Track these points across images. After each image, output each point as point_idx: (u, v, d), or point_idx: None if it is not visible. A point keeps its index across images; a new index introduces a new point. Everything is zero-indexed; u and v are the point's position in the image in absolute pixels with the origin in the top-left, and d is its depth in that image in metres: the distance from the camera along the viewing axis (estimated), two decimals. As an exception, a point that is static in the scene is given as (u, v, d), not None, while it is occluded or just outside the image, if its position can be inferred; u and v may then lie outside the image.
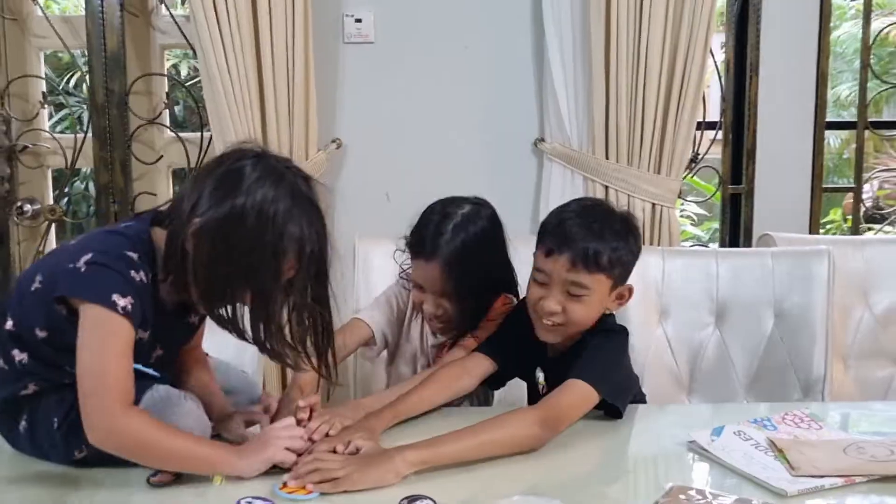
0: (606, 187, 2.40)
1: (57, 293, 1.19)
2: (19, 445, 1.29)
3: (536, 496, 0.83)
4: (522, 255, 1.80)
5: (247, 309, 1.25)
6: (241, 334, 1.26)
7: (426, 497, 1.10)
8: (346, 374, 1.79)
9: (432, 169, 2.50)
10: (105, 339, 1.17)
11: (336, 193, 2.53)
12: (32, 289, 1.24)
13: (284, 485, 1.16)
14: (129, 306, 1.17)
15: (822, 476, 1.19)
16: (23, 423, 1.26)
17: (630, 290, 1.49)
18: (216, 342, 1.54)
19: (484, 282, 1.61)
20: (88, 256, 1.19)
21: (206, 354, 1.51)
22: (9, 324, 1.25)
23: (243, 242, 1.19)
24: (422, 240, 1.58)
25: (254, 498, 1.12)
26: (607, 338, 1.48)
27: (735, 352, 1.92)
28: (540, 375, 1.55)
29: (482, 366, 1.54)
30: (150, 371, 1.30)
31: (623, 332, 1.52)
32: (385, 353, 1.76)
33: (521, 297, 1.66)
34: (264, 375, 2.18)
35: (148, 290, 1.23)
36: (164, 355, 1.34)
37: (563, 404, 1.36)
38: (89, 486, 1.20)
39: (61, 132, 3.23)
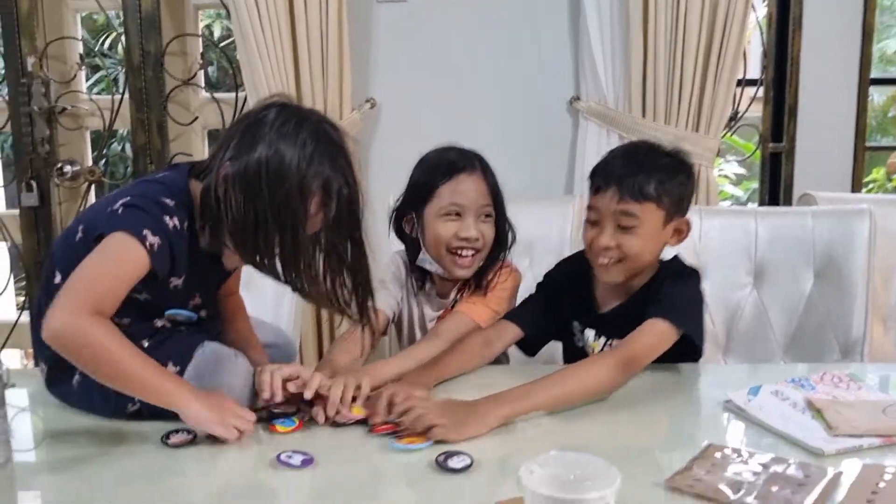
0: (643, 146, 2.37)
1: (94, 235, 1.23)
2: (70, 399, 1.33)
3: (573, 452, 0.83)
4: (557, 215, 1.80)
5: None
6: (278, 277, 1.27)
7: (463, 453, 1.12)
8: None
9: (466, 129, 2.46)
10: (115, 257, 1.19)
11: (370, 154, 2.53)
12: (77, 239, 1.27)
13: (399, 437, 1.18)
14: (157, 246, 1.20)
15: (860, 436, 1.19)
16: (76, 377, 1.30)
17: (688, 225, 1.50)
18: (252, 300, 1.57)
19: (503, 213, 1.62)
20: (126, 199, 1.23)
21: None
22: (58, 278, 1.28)
23: (270, 186, 1.20)
24: (453, 161, 1.60)
25: (294, 452, 1.14)
26: (681, 278, 1.49)
27: (773, 312, 1.91)
28: (590, 334, 1.55)
29: (509, 333, 1.56)
30: (185, 312, 1.34)
31: (696, 274, 1.52)
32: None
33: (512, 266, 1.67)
34: (301, 334, 2.22)
35: (183, 237, 1.26)
36: (203, 304, 1.37)
37: (641, 345, 1.38)
38: (136, 440, 1.22)
39: (98, 94, 3.26)
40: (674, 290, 1.46)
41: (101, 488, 1.08)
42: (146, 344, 1.29)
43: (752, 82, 2.55)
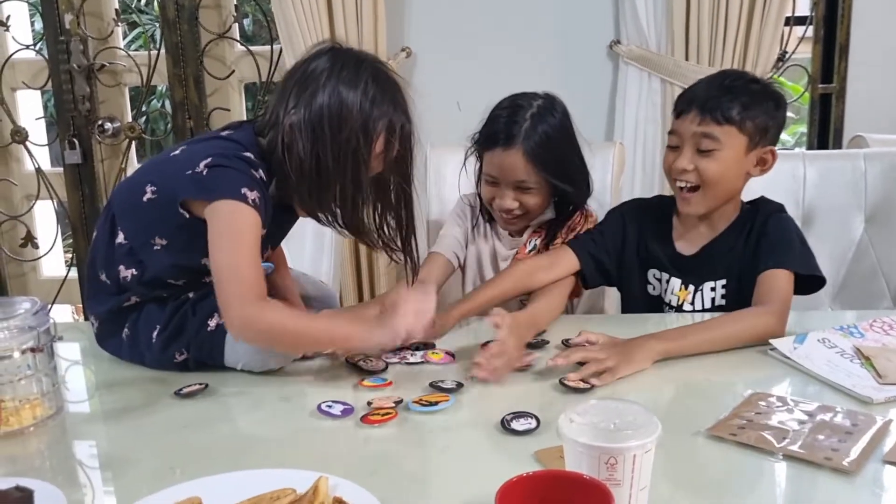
0: (686, 90, 2.30)
1: (181, 196, 1.22)
2: (120, 353, 1.35)
3: (615, 400, 0.82)
4: (597, 162, 1.76)
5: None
6: (337, 223, 1.31)
7: (530, 414, 1.09)
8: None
9: (504, 76, 2.43)
10: (238, 231, 1.20)
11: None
12: (145, 199, 1.26)
13: (420, 400, 1.15)
14: (258, 199, 1.21)
15: (911, 384, 1.16)
16: (125, 331, 1.32)
17: (773, 155, 1.46)
18: (292, 253, 1.58)
19: (561, 174, 1.56)
20: (208, 160, 1.22)
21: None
22: (120, 237, 1.29)
23: (334, 129, 1.22)
24: (496, 130, 1.55)
25: (333, 402, 1.15)
26: (777, 221, 1.47)
27: (821, 259, 1.82)
28: (676, 283, 1.53)
29: (565, 260, 1.53)
30: (266, 264, 1.37)
31: (784, 210, 1.50)
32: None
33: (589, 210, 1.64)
34: (340, 286, 2.24)
35: (267, 189, 1.27)
36: (269, 257, 1.40)
37: (783, 294, 1.38)
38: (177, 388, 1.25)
39: (135, 50, 3.28)
40: (778, 234, 1.44)
41: (151, 436, 1.11)
42: (191, 296, 1.31)
43: (800, 20, 2.45)
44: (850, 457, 0.96)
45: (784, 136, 4.83)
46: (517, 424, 1.06)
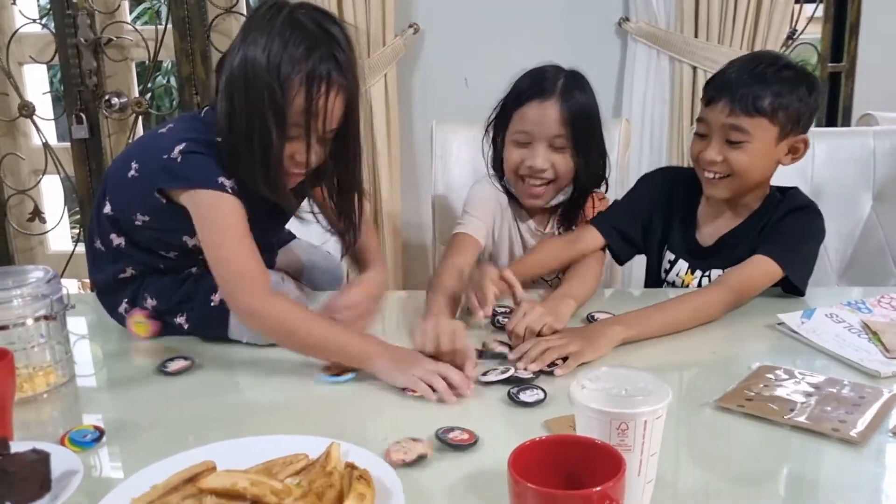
0: (695, 68, 2.29)
1: (158, 185, 1.21)
2: (123, 324, 1.35)
3: (625, 368, 0.83)
4: (605, 140, 1.75)
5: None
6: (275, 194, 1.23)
7: (537, 387, 1.09)
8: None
9: (512, 52, 2.41)
10: (221, 223, 1.19)
11: (414, 79, 2.50)
12: (129, 175, 1.26)
13: (327, 368, 1.17)
14: (234, 186, 1.19)
15: (918, 358, 1.16)
16: (124, 304, 1.33)
17: (805, 143, 1.43)
18: (301, 226, 1.58)
19: (593, 144, 1.54)
20: (183, 146, 1.20)
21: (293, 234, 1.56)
22: (107, 208, 1.30)
23: (250, 86, 1.14)
24: (529, 86, 1.52)
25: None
26: (804, 216, 1.45)
27: (829, 236, 1.83)
28: (682, 267, 1.53)
29: (589, 237, 1.54)
30: None
31: (816, 211, 1.47)
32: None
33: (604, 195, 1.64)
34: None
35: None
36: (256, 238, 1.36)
37: (749, 281, 1.38)
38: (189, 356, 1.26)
39: (142, 25, 3.26)
40: (791, 229, 1.42)
41: (164, 404, 1.12)
42: (195, 270, 1.31)
43: (811, -2, 2.44)
44: (858, 428, 0.97)
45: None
46: (525, 396, 1.07)
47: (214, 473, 0.83)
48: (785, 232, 1.42)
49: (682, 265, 1.53)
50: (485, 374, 1.14)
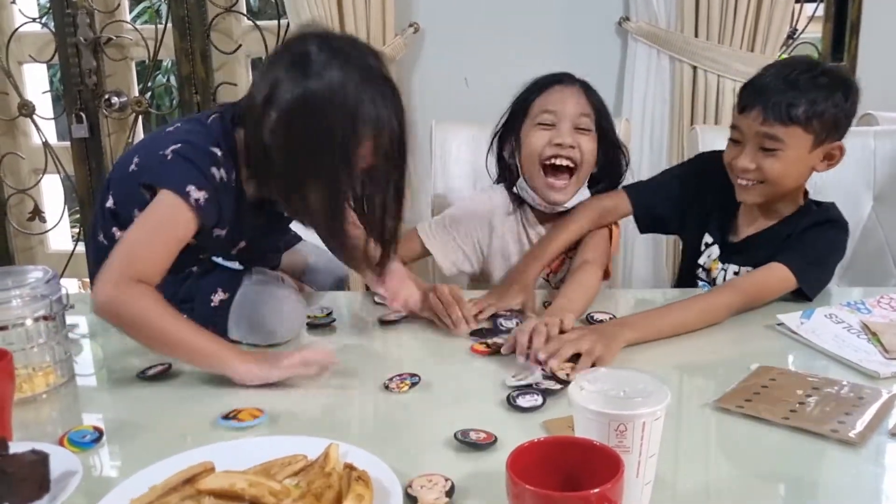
0: (695, 67, 2.29)
1: (142, 179, 1.22)
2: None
3: (624, 369, 0.83)
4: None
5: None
6: (316, 227, 1.26)
7: (536, 391, 1.09)
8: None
9: (512, 52, 2.43)
10: (161, 220, 1.18)
11: (414, 79, 2.50)
12: (130, 170, 1.27)
13: (230, 416, 1.05)
14: (202, 200, 1.18)
15: (918, 359, 1.16)
16: None
17: (841, 150, 1.42)
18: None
19: (612, 132, 1.59)
20: (178, 147, 1.20)
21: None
22: (109, 201, 1.30)
23: (317, 130, 1.14)
24: (549, 76, 1.57)
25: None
26: (829, 229, 1.44)
27: None
28: (714, 251, 1.53)
29: (622, 206, 1.59)
30: (229, 264, 1.34)
31: (843, 228, 1.46)
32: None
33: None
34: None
35: (229, 189, 1.23)
36: (248, 247, 1.35)
37: (762, 287, 1.38)
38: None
39: (142, 24, 3.26)
40: (813, 240, 1.41)
41: (162, 404, 1.12)
42: (195, 270, 1.31)
43: (811, -3, 2.43)
44: (856, 429, 0.97)
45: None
46: (523, 401, 1.06)
47: (213, 474, 0.83)
48: (807, 243, 1.41)
49: (715, 250, 1.54)
50: (514, 376, 1.14)
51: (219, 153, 1.22)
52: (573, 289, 1.42)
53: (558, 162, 1.52)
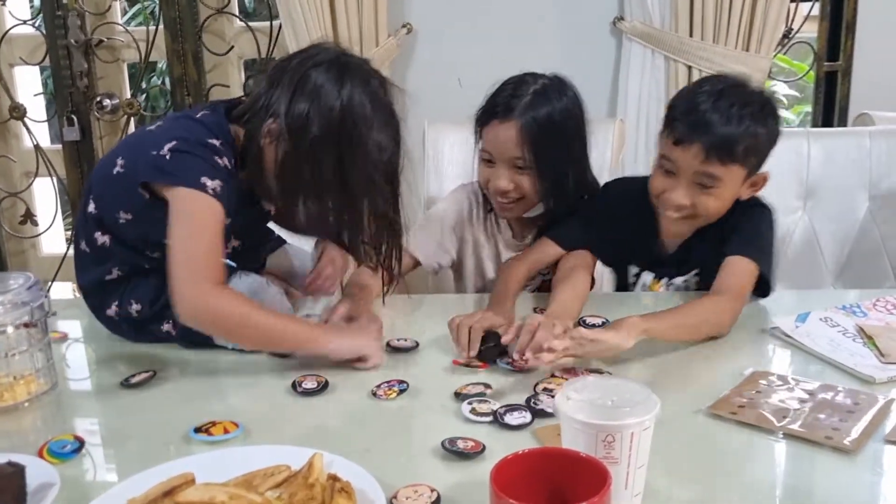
0: (690, 67, 2.27)
1: (141, 179, 1.21)
2: (110, 327, 1.34)
3: (615, 377, 0.81)
4: (598, 139, 1.74)
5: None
6: (304, 232, 1.30)
7: (524, 409, 1.05)
8: (424, 287, 1.74)
9: (505, 53, 2.41)
10: (196, 220, 1.18)
11: (406, 80, 2.48)
12: (114, 172, 1.25)
13: (202, 430, 1.02)
14: (219, 188, 1.19)
15: (914, 363, 1.14)
16: (113, 307, 1.31)
17: (765, 178, 1.39)
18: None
19: (562, 160, 1.48)
20: (173, 144, 1.20)
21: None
22: (91, 206, 1.29)
23: (321, 149, 1.18)
24: (496, 103, 1.48)
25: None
26: (758, 213, 1.41)
27: (824, 237, 1.84)
28: (648, 278, 1.50)
29: (550, 251, 1.51)
30: (227, 262, 1.32)
31: (768, 206, 1.43)
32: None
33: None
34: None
35: (233, 177, 1.24)
36: (240, 246, 1.35)
37: (741, 283, 1.32)
38: (176, 365, 1.25)
39: (134, 26, 3.24)
40: (751, 226, 1.38)
41: (145, 413, 1.10)
42: None
43: (806, -4, 2.42)
44: (851, 436, 0.95)
45: (789, 115, 4.80)
46: (510, 418, 1.02)
47: (192, 487, 0.81)
48: (743, 229, 1.38)
49: (647, 277, 1.50)
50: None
51: (217, 143, 1.22)
52: (566, 294, 1.39)
53: (500, 199, 1.52)
